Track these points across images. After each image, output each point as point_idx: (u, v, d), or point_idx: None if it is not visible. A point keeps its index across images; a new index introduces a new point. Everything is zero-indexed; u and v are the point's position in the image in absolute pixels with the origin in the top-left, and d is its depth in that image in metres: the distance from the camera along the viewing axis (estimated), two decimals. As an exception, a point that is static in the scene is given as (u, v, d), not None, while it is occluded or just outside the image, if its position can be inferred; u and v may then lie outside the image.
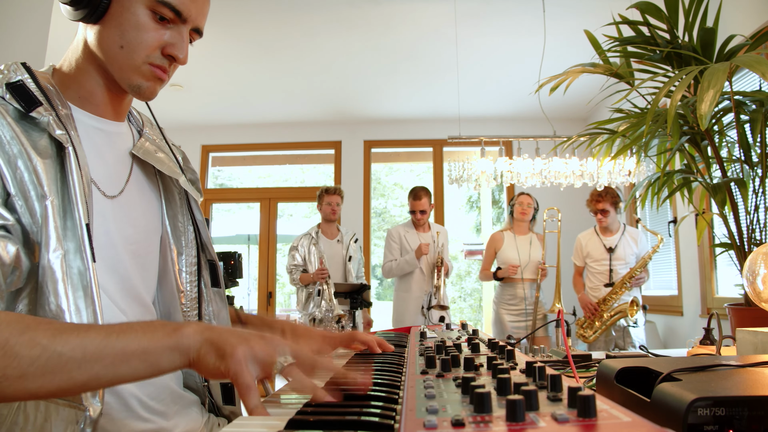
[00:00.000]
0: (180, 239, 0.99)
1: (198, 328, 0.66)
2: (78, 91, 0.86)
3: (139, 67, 0.83)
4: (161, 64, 0.85)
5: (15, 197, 0.72)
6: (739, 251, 1.75)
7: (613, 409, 0.44)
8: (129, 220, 0.90)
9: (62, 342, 0.60)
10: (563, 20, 3.59)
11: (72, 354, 0.60)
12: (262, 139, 5.88)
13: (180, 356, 0.64)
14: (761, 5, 2.80)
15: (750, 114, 1.75)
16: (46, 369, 0.59)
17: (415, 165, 8.57)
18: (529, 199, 3.97)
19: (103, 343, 0.61)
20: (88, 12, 0.80)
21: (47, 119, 0.77)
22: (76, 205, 0.76)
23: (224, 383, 1.00)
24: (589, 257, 3.74)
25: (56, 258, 0.73)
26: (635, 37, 1.84)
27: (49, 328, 0.61)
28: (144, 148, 0.95)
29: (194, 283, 0.99)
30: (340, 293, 3.74)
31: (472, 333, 1.15)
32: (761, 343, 1.03)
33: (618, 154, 2.01)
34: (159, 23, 0.82)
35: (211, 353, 0.64)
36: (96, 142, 0.87)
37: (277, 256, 5.85)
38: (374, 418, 0.50)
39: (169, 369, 0.65)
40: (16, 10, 2.96)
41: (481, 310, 6.06)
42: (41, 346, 0.59)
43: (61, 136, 0.77)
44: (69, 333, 0.61)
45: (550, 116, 3.79)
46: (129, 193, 0.91)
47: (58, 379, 0.59)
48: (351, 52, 4.24)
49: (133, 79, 0.84)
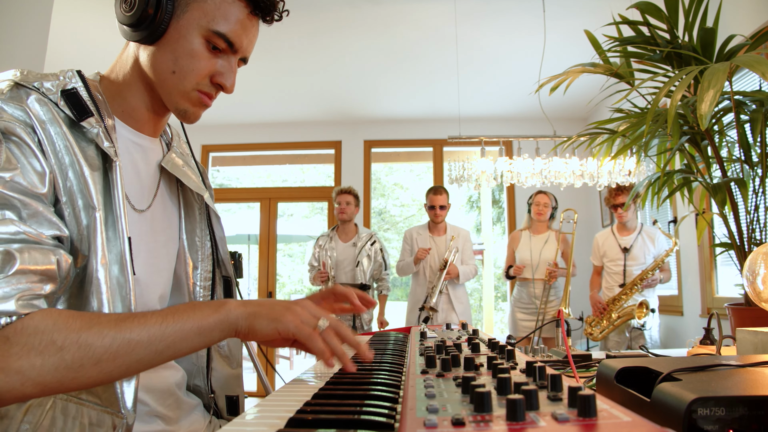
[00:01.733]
0: (196, 253, 1.00)
1: (238, 302, 0.76)
2: (122, 105, 0.88)
3: (188, 93, 0.85)
4: (209, 92, 0.87)
5: (64, 205, 0.75)
6: (739, 251, 1.75)
7: (613, 409, 0.44)
8: (152, 234, 0.92)
9: (127, 329, 0.68)
10: (563, 20, 3.58)
11: (138, 338, 0.68)
12: (262, 139, 5.88)
13: (229, 327, 0.74)
14: (761, 5, 2.80)
15: (750, 114, 1.75)
16: (117, 353, 0.66)
17: (415, 165, 8.58)
18: (546, 199, 3.96)
19: (163, 326, 0.70)
20: (147, 35, 0.81)
21: (96, 131, 0.79)
22: (119, 219, 0.79)
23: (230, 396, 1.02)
24: (606, 257, 3.74)
25: (102, 268, 0.76)
26: (635, 37, 1.84)
27: (111, 319, 0.69)
28: (172, 162, 0.97)
29: (207, 297, 1.00)
30: (341, 293, 3.73)
31: (472, 333, 1.15)
32: (761, 343, 1.03)
33: (618, 154, 2.01)
34: (211, 52, 0.84)
35: (262, 319, 0.74)
36: (133, 156, 0.89)
37: (277, 256, 5.85)
38: (375, 417, 0.50)
39: (221, 339, 0.75)
40: (16, 10, 2.96)
41: (481, 310, 6.06)
42: (110, 336, 0.66)
43: (108, 149, 0.79)
44: (131, 321, 0.69)
45: (550, 116, 3.79)
46: (155, 208, 0.93)
47: (128, 360, 0.67)
48: (351, 52, 4.24)
49: (181, 104, 0.86)
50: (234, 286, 1.06)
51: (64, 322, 0.65)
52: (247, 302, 0.76)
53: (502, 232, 6.87)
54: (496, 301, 7.71)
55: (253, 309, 0.75)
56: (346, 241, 4.03)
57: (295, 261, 10.02)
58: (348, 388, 0.66)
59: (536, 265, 3.87)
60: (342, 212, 3.99)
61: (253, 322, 0.74)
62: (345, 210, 3.99)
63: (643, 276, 3.46)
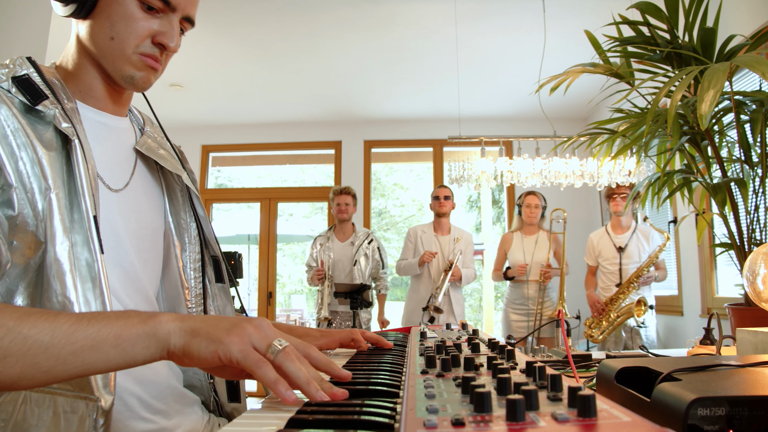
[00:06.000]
0: (183, 235, 0.99)
1: (174, 316, 0.64)
2: (78, 86, 0.87)
3: (129, 57, 0.84)
4: (152, 53, 0.85)
5: (15, 189, 0.72)
6: (739, 251, 1.75)
7: (613, 409, 0.44)
8: (134, 215, 0.90)
9: (29, 324, 0.57)
10: (563, 20, 3.58)
11: (38, 337, 0.57)
12: (262, 139, 5.88)
13: (157, 344, 0.61)
14: (761, 5, 2.80)
15: (750, 114, 1.75)
16: (8, 351, 0.56)
17: (415, 165, 8.57)
18: (536, 200, 3.95)
19: (73, 327, 0.59)
20: (78, 7, 0.81)
21: (53, 112, 0.78)
22: (83, 197, 0.76)
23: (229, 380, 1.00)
24: (601, 257, 3.74)
25: (63, 250, 0.73)
26: (635, 37, 1.84)
27: (17, 311, 0.59)
28: (147, 144, 0.96)
29: (199, 279, 0.99)
30: (340, 293, 3.74)
31: (472, 333, 1.15)
32: (761, 343, 1.03)
33: (618, 154, 2.01)
34: (148, 13, 0.83)
35: (200, 339, 0.61)
36: (99, 135, 0.88)
37: (277, 256, 5.85)
38: (375, 417, 0.50)
39: (145, 359, 0.62)
40: (16, 10, 2.96)
41: (481, 310, 6.06)
42: (6, 327, 0.57)
43: (67, 129, 0.77)
44: (37, 316, 0.59)
45: (550, 116, 3.79)
46: (133, 188, 0.92)
47: (21, 363, 0.57)
48: (351, 52, 4.24)
49: (125, 70, 0.85)
50: (222, 264, 1.04)
51: None
52: (187, 317, 0.64)
53: (502, 232, 6.88)
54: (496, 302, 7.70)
55: (191, 325, 0.62)
56: (344, 240, 4.03)
57: (295, 261, 10.03)
58: (348, 388, 0.66)
59: (529, 266, 3.86)
60: (342, 212, 3.99)
61: (189, 342, 0.61)
62: (345, 210, 3.99)
63: (638, 273, 3.46)
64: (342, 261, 3.96)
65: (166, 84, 4.73)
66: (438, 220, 4.01)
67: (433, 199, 4.01)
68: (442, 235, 3.98)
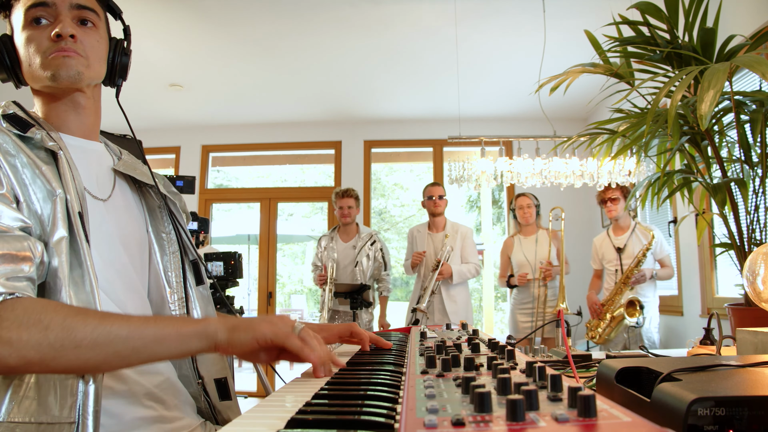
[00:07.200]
0: (164, 247, 1.06)
1: (217, 319, 0.83)
2: (51, 120, 0.97)
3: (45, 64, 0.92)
4: (56, 48, 0.92)
5: (22, 204, 0.82)
6: (739, 251, 1.75)
7: (613, 409, 0.44)
8: (120, 222, 0.98)
9: (110, 322, 0.74)
10: (563, 20, 3.58)
11: (118, 332, 0.74)
12: (262, 139, 5.88)
13: (207, 340, 0.79)
14: (761, 5, 2.80)
15: (750, 114, 1.75)
16: (97, 342, 0.72)
17: (415, 165, 8.57)
18: (527, 200, 3.96)
19: (143, 326, 0.76)
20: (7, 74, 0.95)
21: (40, 135, 0.88)
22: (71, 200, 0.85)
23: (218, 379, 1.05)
24: (604, 259, 3.77)
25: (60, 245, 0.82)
26: (635, 37, 1.84)
27: (98, 313, 0.76)
28: (125, 164, 1.04)
29: (181, 284, 1.06)
30: (340, 293, 3.74)
31: (473, 333, 1.15)
32: (761, 343, 1.03)
33: (618, 154, 2.01)
34: (41, 27, 0.92)
35: (240, 332, 0.80)
36: (79, 156, 0.96)
37: (277, 256, 5.85)
38: (375, 417, 0.50)
39: (198, 349, 0.80)
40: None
41: (481, 310, 6.06)
42: (93, 324, 0.73)
43: (53, 146, 0.88)
44: (115, 317, 0.76)
45: (550, 116, 3.79)
46: (116, 200, 1.00)
47: (106, 350, 0.73)
48: (351, 52, 4.24)
49: (46, 74, 0.92)
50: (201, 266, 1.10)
51: (53, 306, 0.73)
52: (227, 318, 0.85)
53: (502, 233, 6.87)
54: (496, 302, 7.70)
55: (231, 323, 0.81)
56: (347, 241, 4.02)
57: (295, 261, 10.02)
58: (348, 388, 0.66)
59: (534, 266, 3.87)
60: (345, 216, 3.97)
61: (232, 335, 0.80)
62: (348, 214, 3.96)
63: (628, 274, 3.48)
64: (344, 262, 3.95)
65: (166, 84, 4.73)
66: (433, 219, 4.00)
67: (427, 198, 3.96)
68: (436, 233, 3.96)
